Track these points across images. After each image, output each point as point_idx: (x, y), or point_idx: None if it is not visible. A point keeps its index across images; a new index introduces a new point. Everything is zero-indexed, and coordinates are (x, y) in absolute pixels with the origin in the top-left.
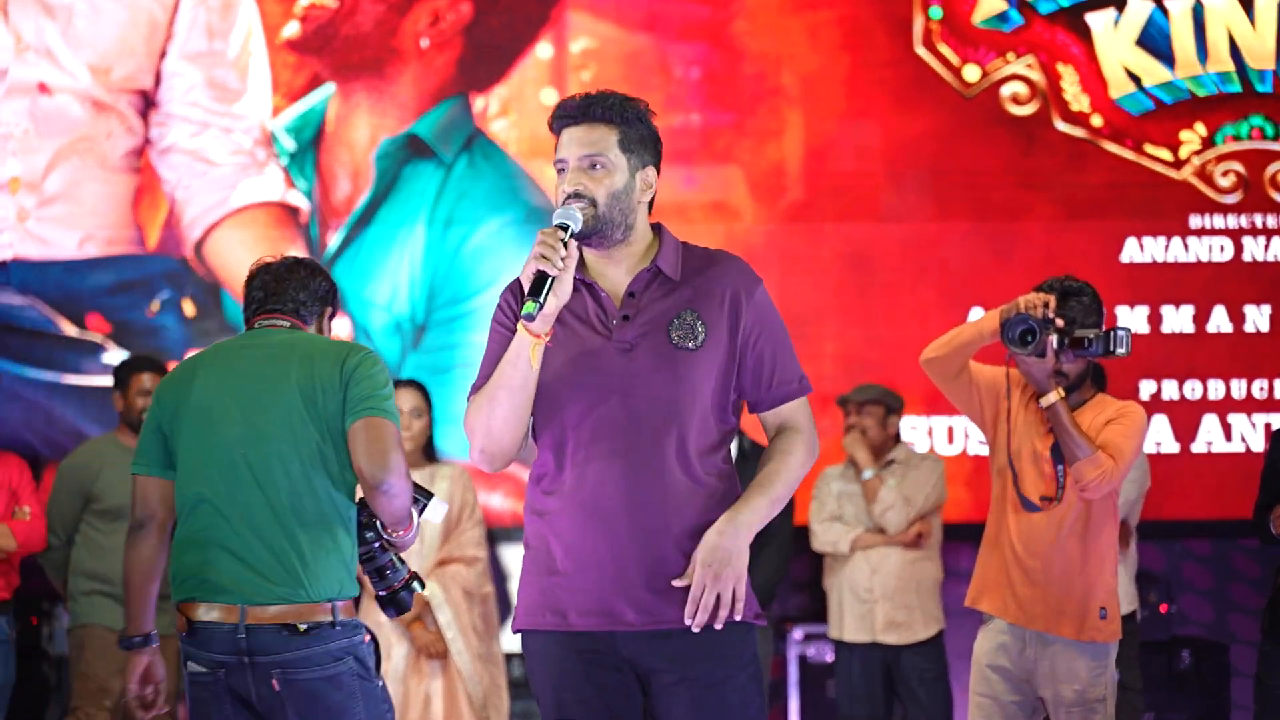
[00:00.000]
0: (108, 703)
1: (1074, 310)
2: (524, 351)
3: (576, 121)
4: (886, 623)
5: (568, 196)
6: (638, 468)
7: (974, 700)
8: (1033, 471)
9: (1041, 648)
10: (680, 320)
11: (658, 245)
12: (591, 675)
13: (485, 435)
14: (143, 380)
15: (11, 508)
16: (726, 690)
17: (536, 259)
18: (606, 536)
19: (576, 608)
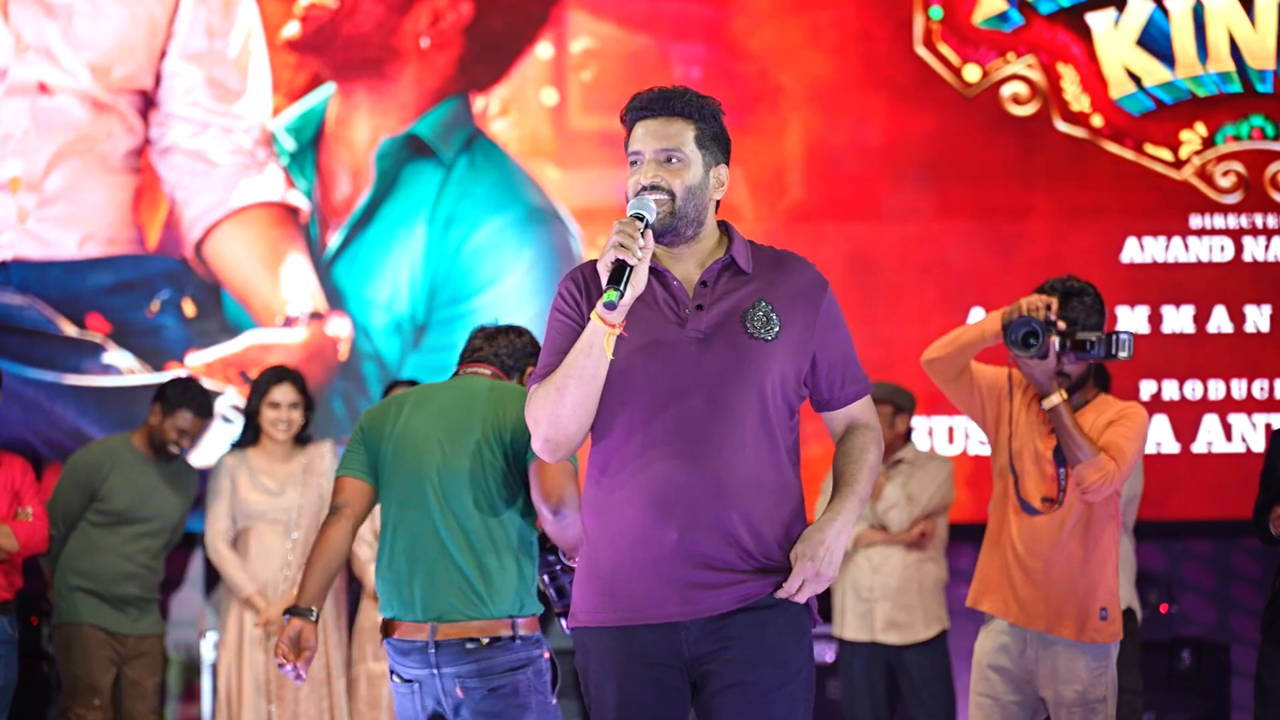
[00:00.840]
0: (97, 701)
1: (1076, 311)
2: (597, 341)
3: (654, 114)
4: (886, 622)
5: (644, 188)
6: (708, 459)
7: (974, 700)
8: (1034, 472)
9: (1042, 648)
10: (755, 310)
11: (728, 240)
12: (651, 675)
13: (551, 424)
14: (184, 419)
15: (14, 509)
16: (779, 699)
17: (615, 248)
18: (679, 526)
19: (651, 599)
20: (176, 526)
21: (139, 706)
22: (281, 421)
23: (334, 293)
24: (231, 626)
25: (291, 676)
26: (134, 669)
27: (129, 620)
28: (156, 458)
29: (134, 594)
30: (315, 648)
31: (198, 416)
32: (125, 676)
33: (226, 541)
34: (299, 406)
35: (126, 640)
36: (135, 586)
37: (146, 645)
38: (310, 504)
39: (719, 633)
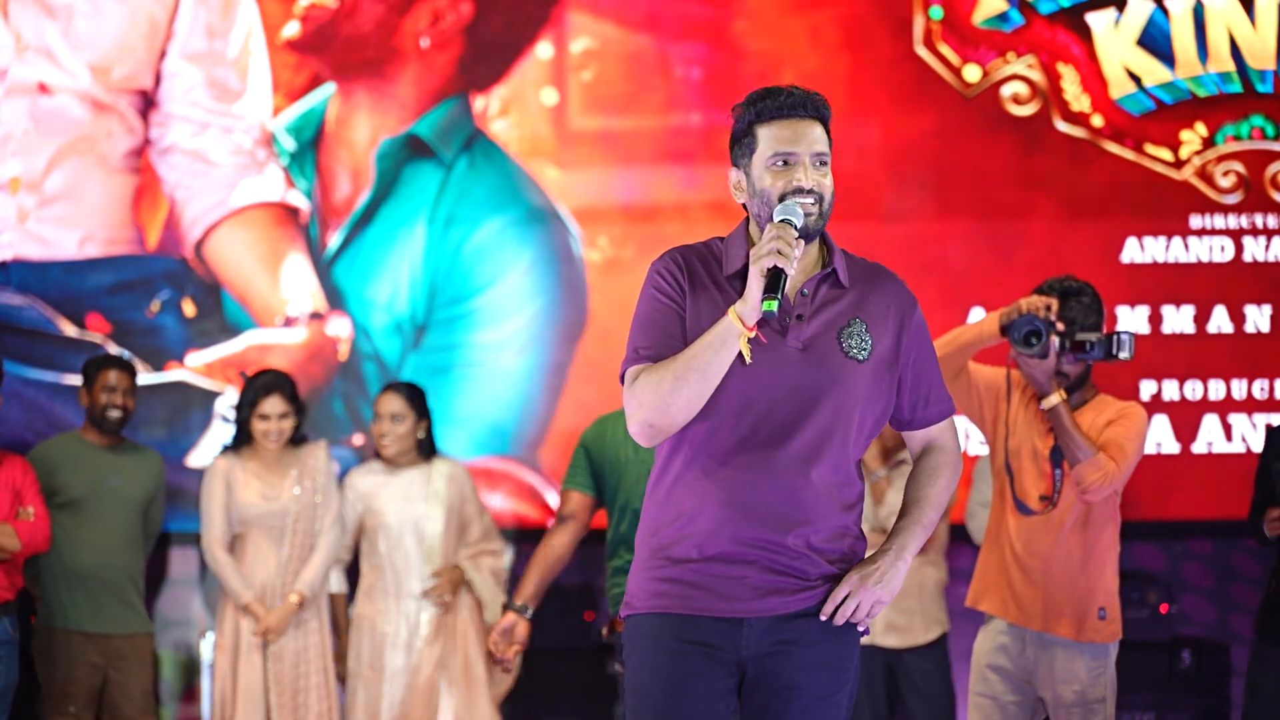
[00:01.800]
0: (72, 708)
1: (1074, 310)
2: (731, 341)
3: (802, 115)
4: (886, 626)
5: (800, 191)
6: (791, 466)
7: (973, 700)
8: (1033, 470)
9: (1041, 648)
10: (851, 329)
11: (827, 249)
12: (708, 670)
13: (658, 410)
14: (108, 377)
15: (15, 508)
16: (829, 707)
17: (773, 254)
18: (755, 526)
19: (715, 592)
20: (148, 511)
21: (127, 708)
22: (272, 432)
23: (334, 293)
24: (228, 629)
25: (501, 669)
26: (119, 670)
27: (112, 619)
28: (108, 445)
29: (115, 588)
30: (526, 643)
31: (120, 371)
32: (111, 678)
33: (224, 546)
34: (289, 416)
35: (110, 641)
36: (115, 579)
37: (131, 645)
38: (305, 504)
39: (780, 634)
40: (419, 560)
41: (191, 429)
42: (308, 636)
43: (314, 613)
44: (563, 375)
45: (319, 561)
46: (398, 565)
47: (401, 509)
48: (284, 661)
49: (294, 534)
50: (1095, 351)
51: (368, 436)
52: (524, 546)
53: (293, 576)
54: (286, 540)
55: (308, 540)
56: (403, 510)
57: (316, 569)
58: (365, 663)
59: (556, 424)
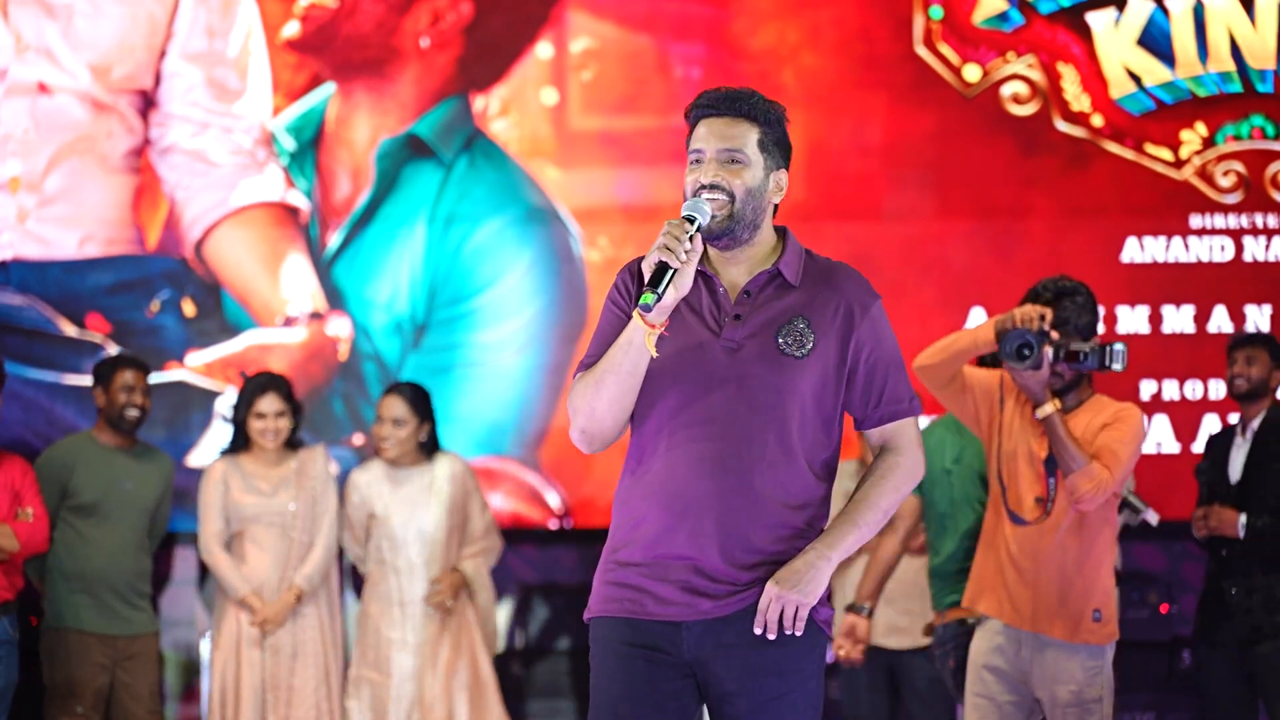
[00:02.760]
0: (79, 709)
1: (1068, 311)
2: (637, 339)
3: (718, 114)
4: (887, 627)
5: (703, 187)
6: (728, 466)
7: (970, 701)
8: (1029, 473)
9: (1036, 649)
10: (790, 326)
11: (781, 248)
12: (652, 669)
13: (588, 416)
14: (125, 377)
15: (14, 509)
16: (781, 707)
17: (660, 249)
18: (689, 529)
19: (654, 596)
20: (156, 513)
21: (134, 709)
22: (269, 431)
23: (334, 293)
24: (227, 627)
25: (848, 665)
26: (126, 671)
27: (120, 620)
28: (122, 445)
29: (123, 590)
30: (867, 640)
31: (137, 370)
32: (118, 679)
33: (220, 544)
34: (285, 414)
35: (118, 641)
36: (123, 581)
37: (139, 645)
38: (304, 507)
39: (718, 638)
40: (422, 564)
41: (191, 429)
42: (305, 631)
43: (312, 608)
44: (563, 375)
45: (318, 557)
46: (400, 569)
47: (404, 513)
48: (280, 654)
49: (292, 532)
50: (1089, 361)
51: (368, 436)
52: (524, 546)
53: (290, 576)
54: (284, 540)
55: (306, 540)
56: (405, 514)
57: (315, 564)
58: (370, 664)
59: (556, 424)
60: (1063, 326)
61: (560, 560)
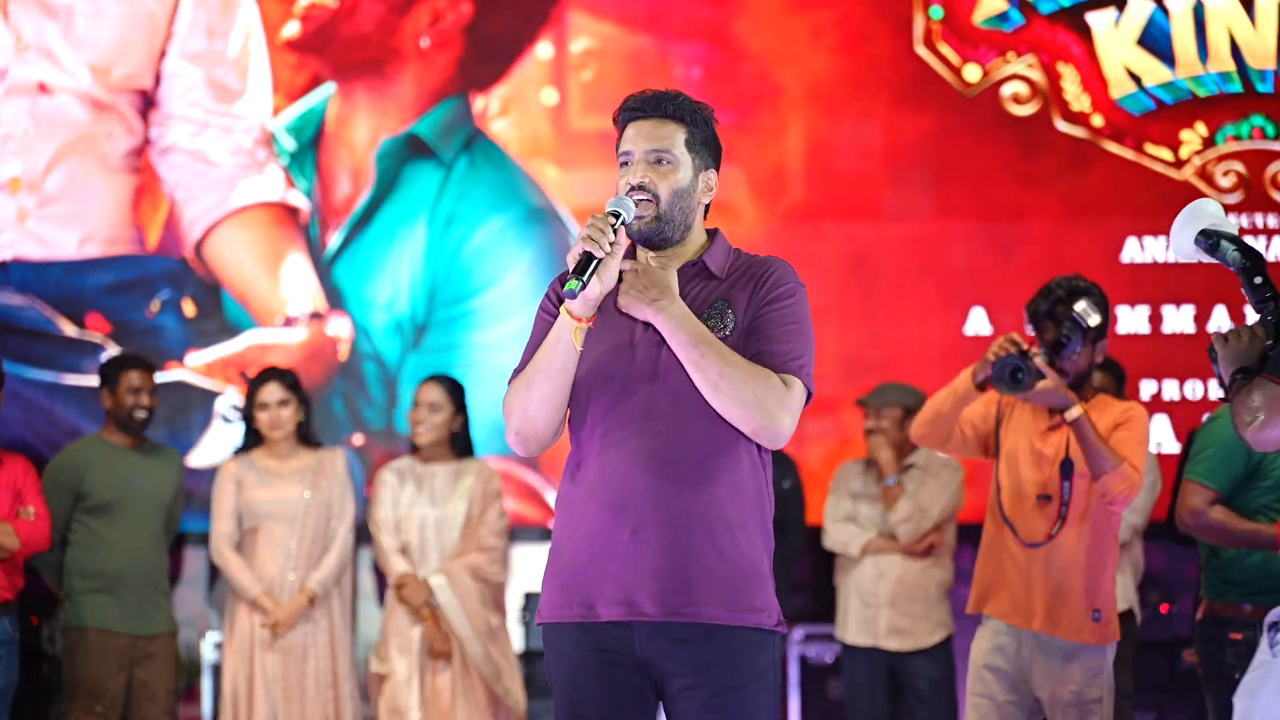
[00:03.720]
0: (99, 708)
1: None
2: (564, 334)
3: (645, 116)
4: (889, 628)
5: (632, 188)
6: (662, 458)
7: (970, 700)
8: (1033, 475)
9: (1038, 648)
10: (712, 310)
11: (708, 245)
12: (607, 673)
13: (521, 418)
14: (131, 378)
15: (15, 508)
16: (736, 698)
17: (583, 239)
18: (631, 528)
19: (602, 597)
20: (170, 509)
21: (151, 708)
22: (273, 420)
23: (334, 293)
24: (238, 628)
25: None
26: (144, 670)
27: (139, 619)
28: (131, 445)
29: (143, 587)
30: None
31: (143, 371)
32: (136, 678)
33: (231, 545)
34: (289, 404)
35: (136, 641)
36: (143, 579)
37: (157, 645)
38: (317, 506)
39: (669, 634)
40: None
41: (192, 429)
42: (317, 634)
43: (324, 611)
44: None
45: (332, 561)
46: (419, 565)
47: (426, 512)
48: (291, 655)
49: (304, 529)
50: (1074, 341)
51: (368, 436)
52: (523, 546)
53: (302, 570)
54: (296, 535)
55: (319, 538)
56: (427, 514)
57: (330, 569)
58: (395, 653)
59: None
60: (1044, 342)
61: None
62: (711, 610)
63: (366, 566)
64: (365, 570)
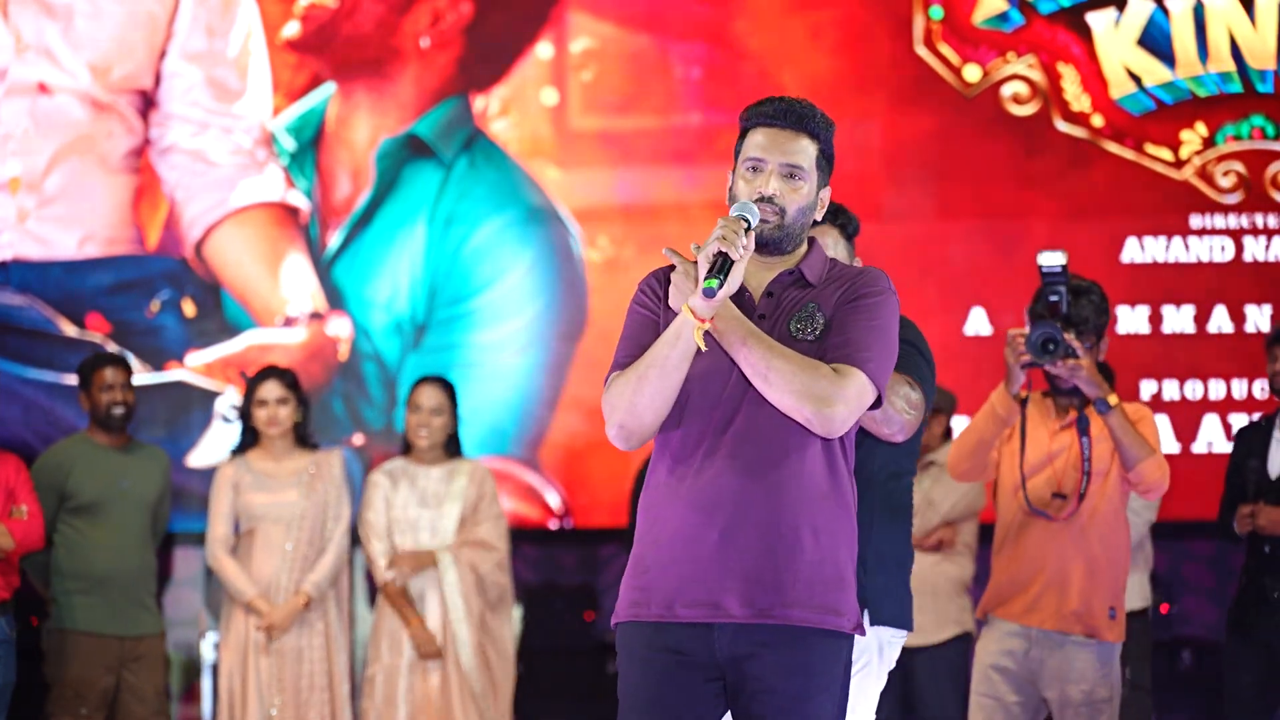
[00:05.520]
0: (84, 710)
1: (1085, 310)
2: (686, 332)
3: (782, 125)
4: None
5: (762, 198)
6: (754, 463)
7: (977, 701)
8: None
9: (1049, 648)
10: (802, 312)
11: (806, 255)
12: (677, 675)
13: (628, 411)
14: (104, 375)
15: (8, 507)
16: (807, 708)
17: (718, 240)
18: (719, 529)
19: (681, 598)
20: (157, 510)
21: (139, 710)
22: (271, 418)
23: (334, 293)
24: (234, 629)
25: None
26: (132, 672)
27: (126, 620)
28: (116, 444)
29: (130, 589)
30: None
31: (116, 368)
32: (124, 680)
33: (226, 549)
34: (288, 402)
35: (124, 643)
36: (130, 580)
37: (145, 647)
38: (314, 509)
39: (752, 637)
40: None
41: (191, 429)
42: (312, 637)
43: (320, 614)
44: (563, 375)
45: (328, 564)
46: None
47: (419, 512)
48: (286, 658)
49: (300, 531)
50: (1062, 287)
51: (368, 437)
52: (523, 546)
53: (298, 573)
54: (292, 537)
55: (315, 540)
56: (421, 515)
57: (325, 572)
58: (386, 652)
59: (556, 424)
60: (1082, 324)
61: (560, 560)
62: (798, 613)
63: (363, 568)
64: (362, 572)
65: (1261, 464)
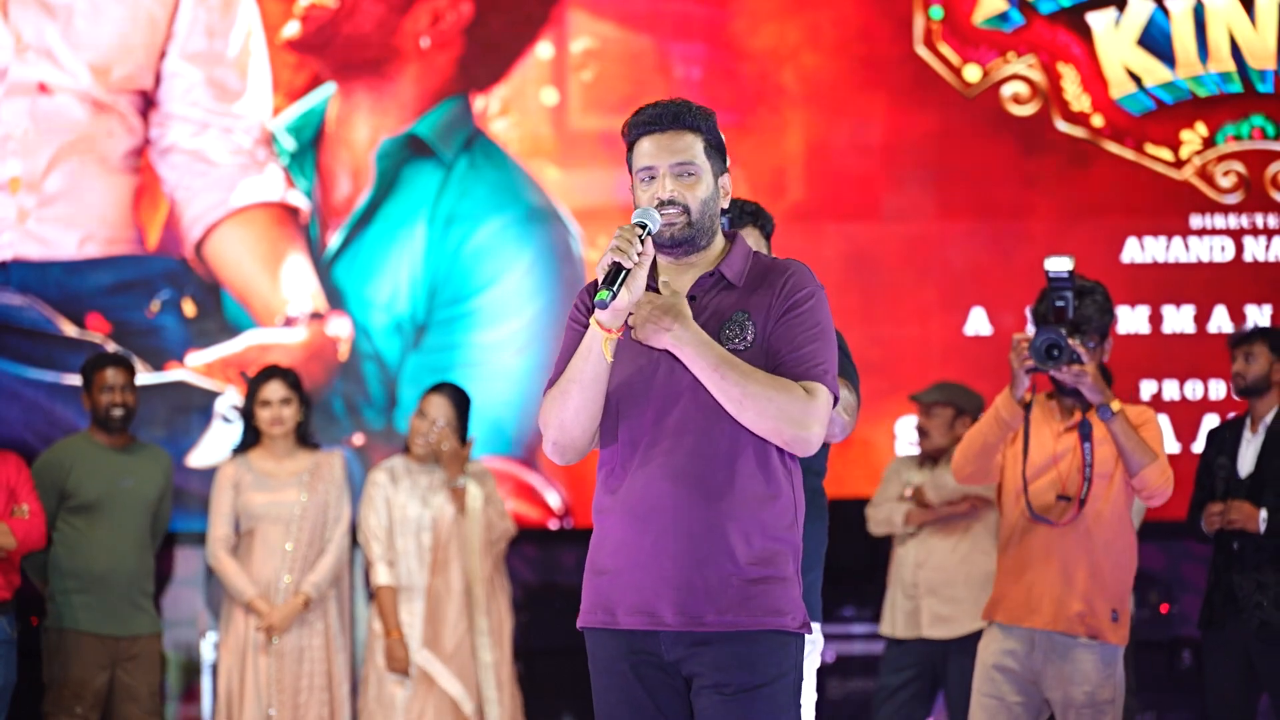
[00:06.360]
0: (79, 709)
1: (1089, 309)
2: (595, 345)
3: (663, 129)
4: (933, 617)
5: (662, 203)
6: (686, 469)
7: (978, 701)
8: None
9: (1051, 649)
10: (732, 321)
11: (727, 251)
12: (640, 675)
13: (558, 428)
14: (105, 376)
15: (10, 506)
16: (757, 698)
17: (612, 250)
18: (653, 537)
19: (624, 606)
20: (158, 510)
21: (132, 709)
22: (275, 418)
23: (334, 293)
24: (234, 629)
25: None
26: (126, 671)
27: (121, 621)
28: (116, 444)
29: (126, 589)
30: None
31: (117, 368)
32: (118, 679)
33: (227, 549)
34: (291, 403)
35: (119, 642)
36: (127, 580)
37: (140, 646)
38: (314, 509)
39: (690, 639)
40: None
41: (191, 429)
42: (312, 637)
43: (319, 615)
44: None
45: (328, 564)
46: (411, 564)
47: (422, 513)
48: (285, 658)
49: (300, 531)
50: (1067, 294)
51: (368, 437)
52: (523, 546)
53: (298, 574)
54: (292, 537)
55: (315, 540)
56: (423, 515)
57: (324, 572)
58: (379, 650)
59: None
60: (1085, 324)
61: (560, 560)
62: (731, 617)
63: (363, 568)
64: (362, 572)
65: (1231, 462)
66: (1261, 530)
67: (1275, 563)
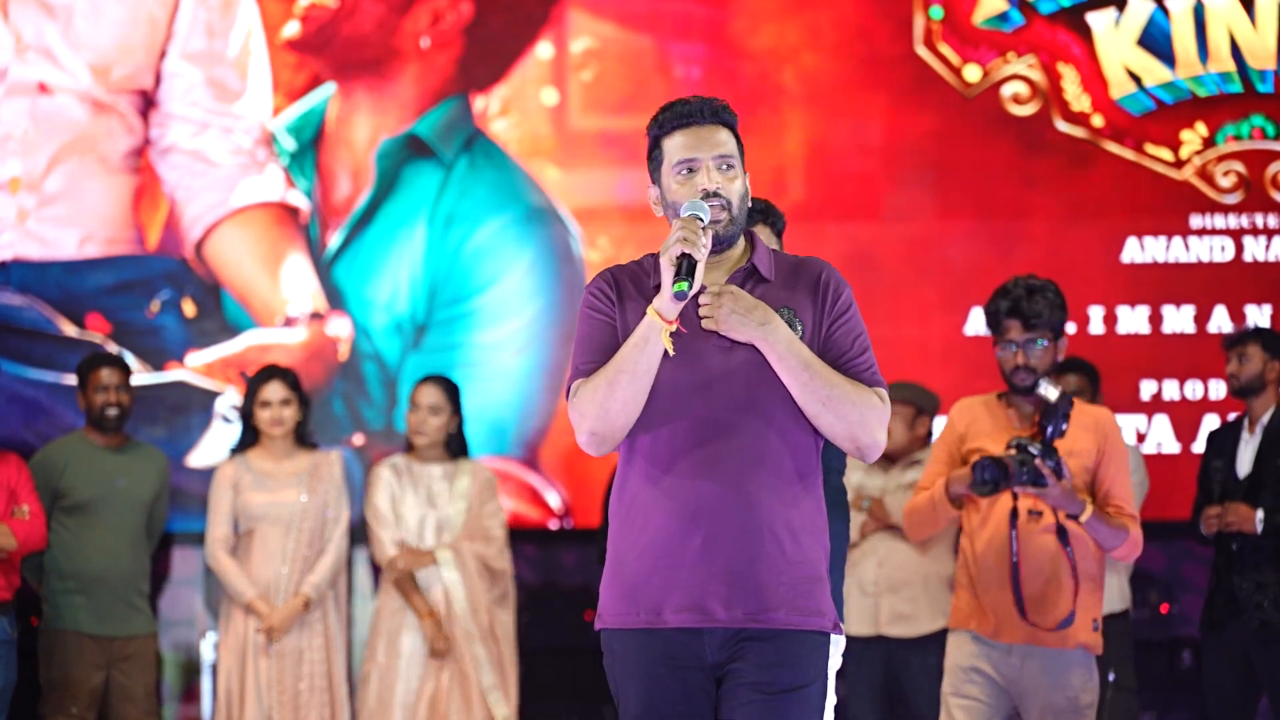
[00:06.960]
0: (74, 709)
1: (1040, 305)
2: (653, 335)
3: (702, 122)
4: (892, 615)
5: (707, 194)
6: (735, 466)
7: (951, 701)
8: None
9: (1029, 657)
10: (782, 316)
11: (751, 248)
12: (675, 677)
13: (599, 418)
14: (100, 376)
15: (10, 507)
16: (796, 700)
17: (679, 243)
18: (700, 534)
19: (671, 604)
20: (153, 510)
21: (128, 709)
22: (275, 419)
23: (334, 293)
24: (233, 629)
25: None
26: (122, 672)
27: (116, 621)
28: (112, 444)
29: (121, 590)
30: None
31: (112, 368)
32: (114, 680)
33: (226, 549)
34: (291, 403)
35: (114, 643)
36: (122, 581)
37: (135, 647)
38: (314, 509)
39: (739, 637)
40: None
41: (191, 429)
42: (312, 638)
43: (319, 615)
44: (562, 375)
45: (327, 565)
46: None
47: (426, 512)
48: (286, 659)
49: (300, 532)
50: (1057, 421)
51: (368, 436)
52: (523, 546)
53: (297, 574)
54: (292, 538)
55: (315, 541)
56: (427, 514)
57: (323, 573)
58: (381, 650)
59: (556, 424)
60: (1036, 319)
61: (560, 560)
62: (781, 615)
63: (363, 568)
64: (362, 572)
65: (1228, 464)
66: (1258, 530)
67: (1274, 563)
